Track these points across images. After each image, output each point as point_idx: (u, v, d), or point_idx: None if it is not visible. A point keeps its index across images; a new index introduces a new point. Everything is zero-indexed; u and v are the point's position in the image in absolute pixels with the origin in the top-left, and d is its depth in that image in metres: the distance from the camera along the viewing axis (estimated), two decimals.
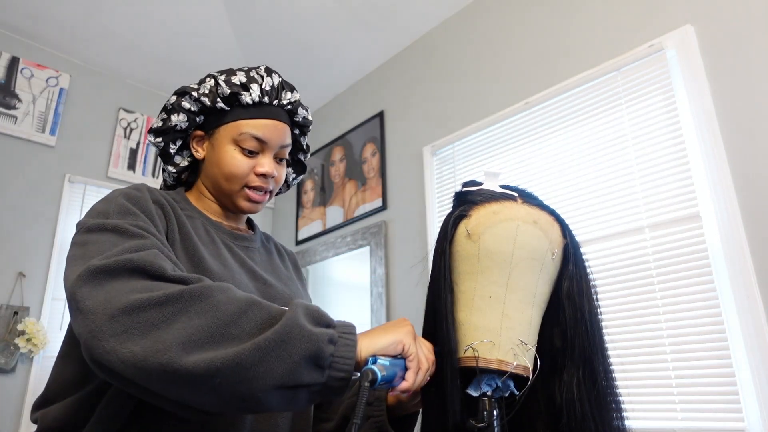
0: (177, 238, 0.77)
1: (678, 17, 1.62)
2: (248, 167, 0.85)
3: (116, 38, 2.59)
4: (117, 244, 0.63)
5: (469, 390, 0.69)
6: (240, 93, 0.85)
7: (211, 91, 0.86)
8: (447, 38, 2.43)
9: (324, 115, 3.16)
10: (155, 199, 0.78)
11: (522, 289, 0.69)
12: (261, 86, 0.87)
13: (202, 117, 0.88)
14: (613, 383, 0.70)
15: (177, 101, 0.88)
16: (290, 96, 0.91)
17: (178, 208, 0.82)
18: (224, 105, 0.86)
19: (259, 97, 0.86)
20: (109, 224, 0.67)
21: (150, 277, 0.59)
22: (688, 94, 1.53)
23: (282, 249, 1.05)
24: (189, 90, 0.87)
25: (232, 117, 0.86)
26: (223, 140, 0.86)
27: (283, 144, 0.89)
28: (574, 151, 1.79)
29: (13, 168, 2.40)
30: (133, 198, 0.74)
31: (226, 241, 0.87)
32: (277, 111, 0.88)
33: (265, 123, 0.86)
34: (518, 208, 0.71)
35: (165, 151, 0.91)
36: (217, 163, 0.86)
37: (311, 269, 2.95)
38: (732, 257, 1.37)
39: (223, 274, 0.77)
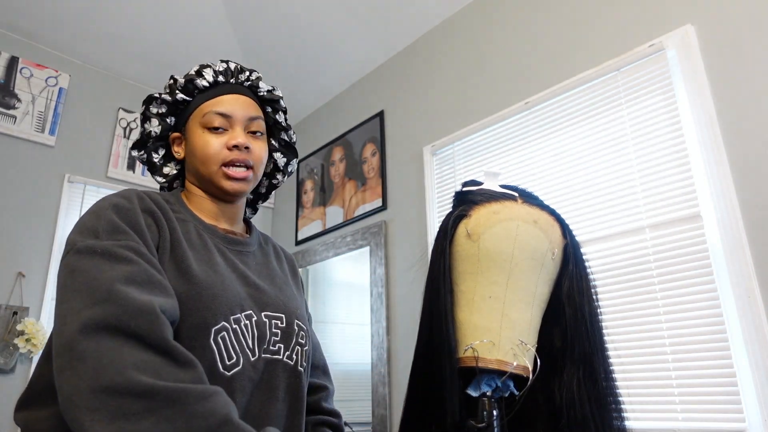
0: (167, 247, 0.76)
1: (678, 17, 1.62)
2: (220, 144, 0.86)
3: (116, 38, 2.59)
4: (104, 271, 0.64)
5: (468, 390, 0.69)
6: (194, 79, 0.88)
7: (170, 88, 0.90)
8: (447, 38, 2.43)
9: (324, 115, 3.15)
10: (145, 208, 0.77)
11: (522, 289, 0.69)
12: (215, 69, 0.90)
13: (173, 118, 0.91)
14: (614, 383, 0.70)
15: (146, 109, 0.90)
16: (248, 75, 0.93)
17: (171, 213, 0.82)
18: (184, 96, 0.88)
19: (213, 77, 0.89)
20: (98, 247, 0.67)
21: (148, 346, 0.61)
22: (688, 94, 1.53)
23: (281, 251, 1.04)
24: (153, 96, 0.90)
25: (194, 104, 0.88)
26: (193, 129, 0.88)
27: (250, 116, 0.89)
28: (574, 151, 1.79)
29: (13, 168, 2.40)
30: (122, 211, 0.74)
31: (220, 245, 0.86)
32: (237, 87, 0.90)
33: (225, 98, 0.88)
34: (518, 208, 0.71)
35: (150, 162, 0.92)
36: (192, 151, 0.87)
37: (311, 269, 2.95)
38: (732, 257, 1.37)
39: (211, 281, 0.77)
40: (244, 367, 0.77)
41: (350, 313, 2.69)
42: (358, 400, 2.40)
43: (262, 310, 0.83)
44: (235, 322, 0.77)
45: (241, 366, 0.76)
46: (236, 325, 0.77)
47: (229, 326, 0.76)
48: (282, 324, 0.85)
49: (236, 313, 0.78)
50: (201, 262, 0.79)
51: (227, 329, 0.76)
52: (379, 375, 2.27)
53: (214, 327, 0.74)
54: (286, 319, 0.86)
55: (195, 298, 0.74)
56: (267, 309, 0.84)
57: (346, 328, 2.73)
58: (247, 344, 0.78)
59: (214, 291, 0.76)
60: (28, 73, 2.51)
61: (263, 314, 0.83)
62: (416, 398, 0.74)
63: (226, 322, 0.76)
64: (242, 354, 0.77)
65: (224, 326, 0.75)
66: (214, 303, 0.75)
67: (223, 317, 0.75)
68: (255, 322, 0.80)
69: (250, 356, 0.78)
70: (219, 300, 0.76)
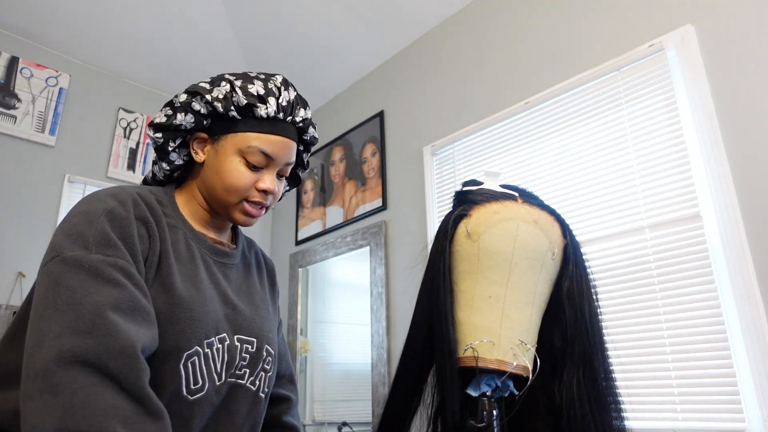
0: (155, 260, 0.74)
1: (678, 17, 1.62)
2: (251, 181, 0.83)
3: (116, 38, 2.59)
4: (90, 294, 0.63)
5: (468, 390, 0.69)
6: (256, 105, 0.82)
7: (225, 97, 0.82)
8: (447, 38, 2.43)
9: (324, 115, 3.16)
10: (140, 216, 0.75)
11: (522, 289, 0.69)
12: (278, 101, 0.84)
13: (210, 120, 0.85)
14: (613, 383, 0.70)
15: (187, 100, 0.84)
16: (303, 113, 0.88)
17: (163, 219, 0.79)
18: (237, 114, 0.82)
19: (274, 113, 0.83)
20: (86, 262, 0.65)
21: (122, 390, 0.59)
22: (688, 94, 1.53)
23: (262, 260, 1.02)
24: (202, 91, 0.83)
25: (242, 127, 0.83)
26: (229, 149, 0.83)
27: (288, 162, 0.86)
28: (574, 151, 1.79)
29: (13, 168, 2.40)
30: (116, 219, 0.71)
31: (206, 256, 0.84)
32: (289, 128, 0.86)
33: (275, 139, 0.83)
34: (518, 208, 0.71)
35: (162, 148, 0.87)
36: (219, 172, 0.83)
37: (311, 269, 2.95)
38: (732, 257, 1.37)
39: (192, 300, 0.76)
40: (207, 392, 0.76)
41: (350, 313, 2.69)
42: (358, 400, 2.40)
43: (236, 332, 0.82)
44: (208, 346, 0.77)
45: (205, 391, 0.76)
46: (208, 350, 0.77)
47: (201, 350, 0.75)
48: (252, 348, 0.85)
49: (210, 337, 0.77)
50: (185, 278, 0.77)
51: (199, 354, 0.75)
52: (379, 375, 2.27)
53: (187, 351, 0.73)
54: (257, 343, 0.85)
55: (173, 320, 0.73)
56: (241, 332, 0.83)
57: (346, 328, 2.73)
58: (215, 369, 0.78)
59: (193, 313, 0.75)
60: (29, 73, 2.51)
61: (236, 337, 0.82)
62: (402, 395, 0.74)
63: (199, 346, 0.75)
64: (208, 379, 0.77)
65: (196, 351, 0.75)
66: (191, 326, 0.74)
67: (197, 342, 0.75)
68: (227, 346, 0.80)
69: (216, 380, 0.78)
70: (196, 324, 0.75)
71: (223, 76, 0.85)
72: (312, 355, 2.80)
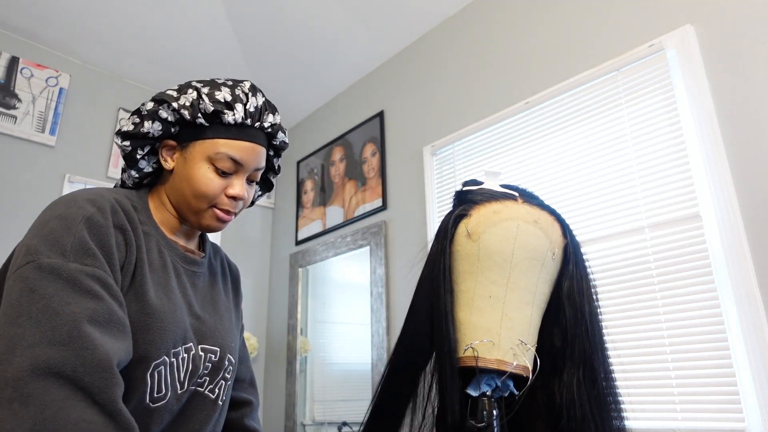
0: (131, 269, 0.74)
1: (678, 17, 1.62)
2: (220, 188, 0.83)
3: (116, 38, 2.59)
4: (68, 304, 0.62)
5: (468, 390, 0.69)
6: (223, 111, 0.82)
7: (192, 105, 0.82)
8: (447, 38, 2.43)
9: (324, 115, 3.16)
10: (118, 224, 0.74)
11: (522, 289, 0.69)
12: (245, 106, 0.84)
13: (178, 128, 0.85)
14: (613, 383, 0.70)
15: (154, 108, 0.83)
16: (272, 118, 0.88)
17: (139, 225, 0.79)
18: (204, 121, 0.82)
19: (242, 119, 0.83)
20: (64, 271, 0.64)
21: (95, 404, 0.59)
22: (688, 94, 1.53)
23: (227, 266, 1.03)
24: (168, 99, 0.83)
25: (210, 134, 0.82)
26: (197, 156, 0.83)
27: (257, 167, 0.87)
28: (574, 151, 1.79)
29: (13, 168, 2.40)
30: (95, 227, 0.70)
31: (177, 264, 0.85)
32: (257, 133, 0.86)
33: (243, 145, 0.83)
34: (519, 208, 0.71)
35: (131, 156, 0.86)
36: (188, 179, 0.83)
37: (311, 269, 2.95)
38: (732, 257, 1.37)
39: (164, 310, 0.76)
40: (168, 400, 0.77)
41: (350, 313, 2.69)
42: (358, 400, 2.40)
43: (201, 342, 0.83)
44: (174, 356, 0.77)
45: (167, 400, 0.77)
46: (174, 359, 0.77)
47: (167, 360, 0.76)
48: (215, 358, 0.86)
49: (177, 347, 0.78)
50: (158, 287, 0.78)
51: (165, 363, 0.76)
52: (379, 375, 2.27)
53: (155, 361, 0.74)
54: (220, 353, 0.86)
55: (145, 329, 0.73)
56: (205, 342, 0.84)
57: (346, 328, 2.73)
58: (178, 378, 0.79)
59: (164, 323, 0.75)
60: (29, 73, 2.51)
61: (201, 347, 0.83)
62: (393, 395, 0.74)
63: (167, 356, 0.76)
64: (171, 388, 0.77)
65: (164, 360, 0.75)
66: (161, 336, 0.74)
67: (165, 351, 0.75)
68: (192, 356, 0.81)
69: (178, 389, 0.79)
70: (166, 333, 0.75)
71: (190, 83, 0.85)
72: (312, 355, 2.80)
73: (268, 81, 2.95)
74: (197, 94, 0.83)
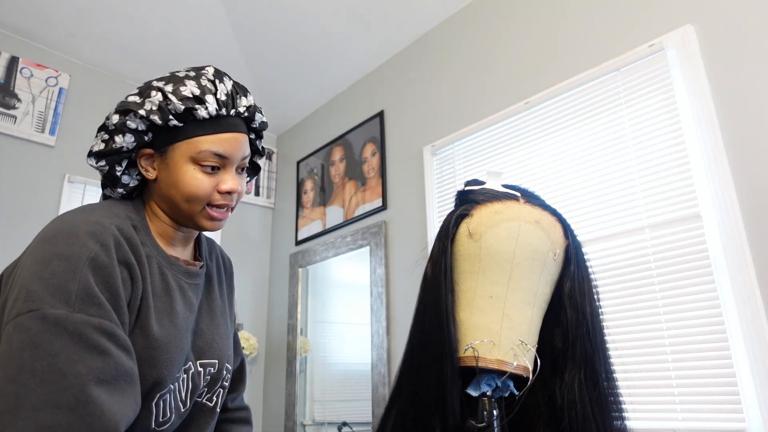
0: (137, 304, 0.72)
1: (678, 17, 1.62)
2: (210, 186, 0.79)
3: (116, 38, 2.59)
4: (74, 363, 0.59)
5: (468, 390, 0.69)
6: (195, 107, 0.76)
7: (160, 108, 0.76)
8: (447, 38, 2.43)
9: (324, 115, 3.15)
10: (123, 259, 0.71)
11: (523, 290, 0.69)
12: (216, 96, 0.79)
13: (151, 134, 0.79)
14: (615, 384, 0.70)
15: (121, 120, 0.77)
16: (245, 101, 0.83)
17: (143, 253, 0.75)
18: (177, 122, 0.77)
19: (216, 110, 0.78)
20: (69, 324, 0.60)
21: None
22: (688, 94, 1.53)
23: (222, 263, 0.99)
24: (133, 107, 0.77)
25: (187, 134, 0.77)
26: (179, 159, 0.78)
27: (243, 155, 0.83)
28: (574, 151, 1.79)
29: (13, 168, 2.39)
30: (100, 269, 0.66)
31: (181, 282, 0.82)
32: (235, 121, 0.81)
33: (224, 137, 0.79)
34: (520, 208, 0.71)
35: (111, 174, 0.81)
36: (175, 185, 0.78)
37: (311, 269, 2.95)
38: (732, 257, 1.37)
39: (168, 340, 0.74)
40: (173, 422, 0.78)
41: (350, 313, 2.69)
42: (358, 400, 2.40)
43: (199, 358, 0.82)
44: (176, 380, 0.77)
45: (172, 422, 0.77)
46: (176, 383, 0.77)
47: (172, 387, 0.76)
48: (214, 370, 0.85)
49: (180, 372, 0.77)
50: (162, 315, 0.76)
51: (170, 390, 0.75)
52: (379, 375, 2.27)
53: (161, 392, 0.74)
54: (219, 365, 0.86)
55: (152, 364, 0.71)
56: (203, 356, 0.83)
57: (346, 328, 2.73)
58: (180, 398, 0.78)
59: (170, 355, 0.74)
60: (28, 73, 2.51)
61: (199, 363, 0.82)
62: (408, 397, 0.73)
63: (172, 383, 0.75)
64: (176, 410, 0.77)
65: (168, 389, 0.75)
66: (168, 368, 0.73)
67: (171, 381, 0.75)
68: (191, 374, 0.80)
69: (181, 408, 0.79)
70: (172, 364, 0.74)
71: (150, 84, 0.80)
72: (312, 355, 2.80)
73: (268, 81, 2.95)
74: (162, 95, 0.77)
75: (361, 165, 2.72)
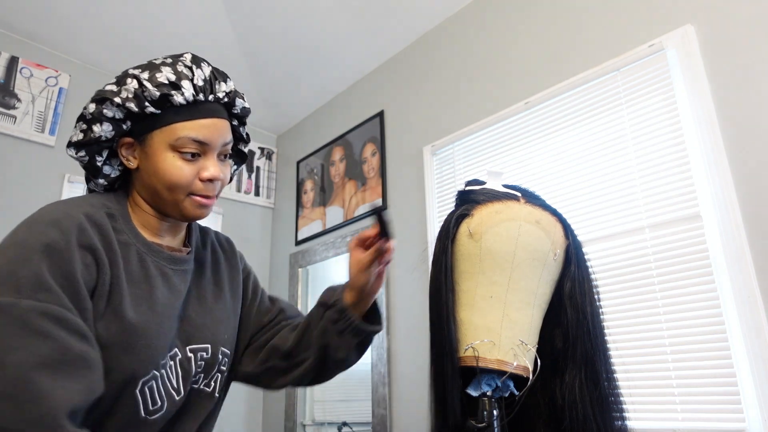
0: (105, 290, 0.70)
1: (678, 17, 1.62)
2: (192, 174, 0.77)
3: (116, 38, 2.59)
4: (15, 350, 0.58)
5: (468, 390, 0.69)
6: (170, 93, 0.76)
7: (136, 95, 0.76)
8: (447, 38, 2.43)
9: (324, 115, 3.15)
10: (85, 243, 0.69)
11: (523, 290, 0.69)
12: (193, 82, 0.78)
13: (129, 123, 0.78)
14: (615, 384, 0.70)
15: (97, 110, 0.77)
16: (225, 87, 0.82)
17: (114, 238, 0.74)
18: (154, 109, 0.76)
19: (193, 96, 0.77)
20: (15, 311, 0.60)
21: None
22: (688, 94, 1.53)
23: (218, 247, 0.97)
24: (109, 95, 0.77)
25: (164, 120, 0.77)
26: (159, 147, 0.77)
27: (225, 142, 0.81)
28: (574, 151, 1.79)
29: (13, 168, 2.39)
30: (54, 254, 0.66)
31: (165, 268, 0.80)
32: (214, 107, 0.80)
33: (203, 123, 0.77)
34: (521, 208, 0.71)
35: (91, 165, 0.80)
36: (155, 173, 0.77)
37: (311, 269, 2.95)
38: (732, 257, 1.37)
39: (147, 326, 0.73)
40: (167, 410, 0.76)
41: None
42: (358, 400, 2.40)
43: (188, 344, 0.81)
44: (162, 367, 0.76)
45: (165, 410, 0.76)
46: (163, 370, 0.76)
47: (157, 373, 0.74)
48: (207, 355, 0.83)
49: (165, 358, 0.76)
50: (140, 301, 0.74)
51: (156, 377, 0.74)
52: (379, 375, 2.27)
53: (143, 378, 0.73)
54: (212, 349, 0.84)
55: (129, 349, 0.70)
56: (192, 342, 0.81)
57: None
58: (172, 386, 0.77)
59: (149, 340, 0.73)
60: (28, 73, 2.51)
61: (188, 348, 0.81)
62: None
63: (156, 370, 0.74)
64: (167, 398, 0.76)
65: (153, 375, 0.74)
66: (147, 354, 0.72)
67: (153, 366, 0.73)
68: (179, 361, 0.79)
69: (175, 397, 0.77)
70: (152, 349, 0.73)
71: (127, 72, 0.79)
72: None
73: (269, 81, 2.95)
74: (138, 83, 0.76)
75: (361, 165, 2.72)
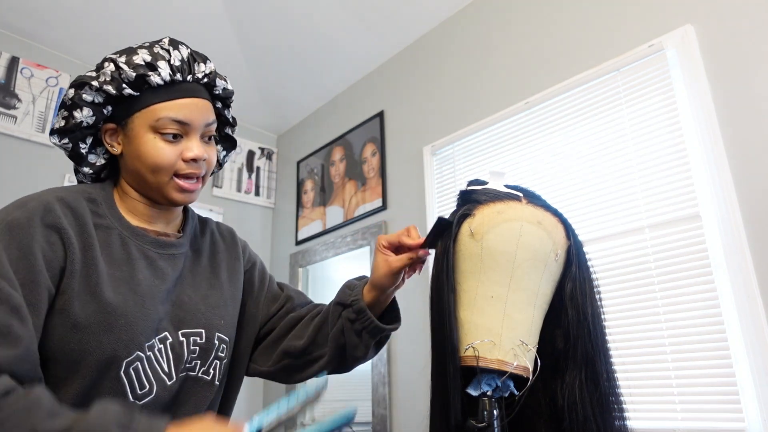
0: (76, 268, 0.70)
1: (678, 17, 1.62)
2: (174, 154, 0.77)
3: (116, 38, 2.58)
4: None
5: (468, 389, 0.69)
6: (147, 74, 0.76)
7: (113, 78, 0.76)
8: (447, 38, 2.43)
9: (324, 115, 3.16)
10: (51, 223, 0.70)
11: (524, 290, 0.69)
12: (169, 62, 0.78)
13: (110, 107, 0.79)
14: (615, 385, 0.71)
15: (77, 95, 0.77)
16: (204, 67, 0.83)
17: (89, 221, 0.75)
18: (132, 90, 0.77)
19: (170, 75, 0.78)
20: None
21: None
22: (688, 94, 1.53)
23: (218, 236, 0.96)
24: (87, 80, 0.77)
25: (144, 102, 0.77)
26: (140, 129, 0.77)
27: (207, 122, 0.81)
28: (574, 151, 1.79)
29: (13, 168, 2.39)
30: (14, 231, 0.67)
31: (149, 252, 0.80)
32: (194, 87, 0.81)
33: (182, 103, 0.78)
34: (522, 209, 0.71)
35: (75, 152, 0.81)
36: (138, 156, 0.77)
37: (311, 269, 2.95)
38: (732, 257, 1.37)
39: (126, 306, 0.73)
40: (157, 394, 0.75)
41: None
42: (358, 400, 2.40)
43: (179, 328, 0.80)
44: (149, 349, 0.74)
45: (155, 394, 0.75)
46: (150, 353, 0.74)
47: (143, 355, 0.73)
48: (201, 340, 0.82)
49: (151, 340, 0.75)
50: (119, 282, 0.74)
51: (141, 359, 0.73)
52: (379, 375, 2.28)
53: (127, 359, 0.72)
54: (206, 334, 0.83)
55: (108, 328, 0.70)
56: (184, 326, 0.80)
57: None
58: (162, 370, 0.76)
59: (128, 318, 0.72)
60: (29, 73, 2.51)
61: (180, 333, 0.79)
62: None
63: (141, 351, 0.73)
64: (156, 381, 0.75)
65: (138, 356, 0.73)
66: (127, 333, 0.71)
67: (136, 347, 0.72)
68: (170, 344, 0.77)
69: (165, 381, 0.76)
70: (133, 329, 0.72)
71: (106, 57, 0.80)
72: None
73: (269, 81, 2.95)
74: (114, 65, 0.77)
75: (361, 165, 2.72)
